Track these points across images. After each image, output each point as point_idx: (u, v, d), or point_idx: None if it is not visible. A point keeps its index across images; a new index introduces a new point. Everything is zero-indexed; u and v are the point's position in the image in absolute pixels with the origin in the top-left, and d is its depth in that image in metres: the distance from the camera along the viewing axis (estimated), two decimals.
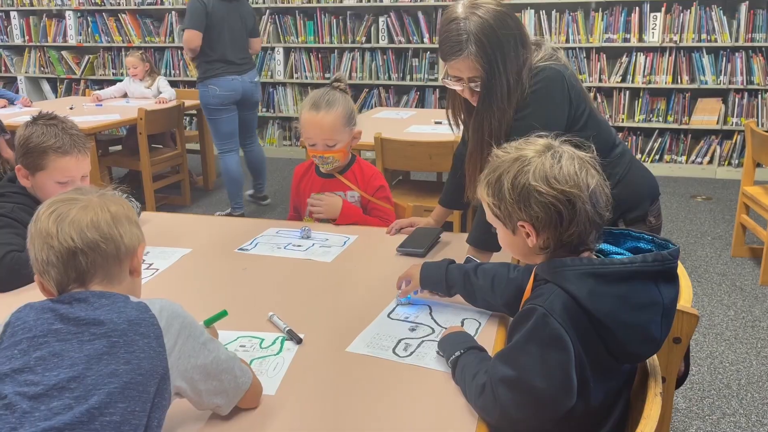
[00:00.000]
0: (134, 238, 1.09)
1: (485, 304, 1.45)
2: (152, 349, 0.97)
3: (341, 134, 2.09)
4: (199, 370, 1.02)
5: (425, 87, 5.96)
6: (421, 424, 1.10)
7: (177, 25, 6.34)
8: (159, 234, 2.02)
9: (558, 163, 1.09)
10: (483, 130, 1.68)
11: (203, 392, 1.04)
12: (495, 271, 1.42)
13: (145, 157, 4.43)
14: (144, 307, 1.01)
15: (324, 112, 2.05)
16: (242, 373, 1.10)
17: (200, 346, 1.03)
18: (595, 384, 1.09)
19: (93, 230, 1.03)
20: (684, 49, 5.32)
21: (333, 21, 6.01)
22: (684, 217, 4.48)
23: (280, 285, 1.67)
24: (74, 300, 1.01)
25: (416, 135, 3.62)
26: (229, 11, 4.09)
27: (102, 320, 0.97)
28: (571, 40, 5.48)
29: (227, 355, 1.08)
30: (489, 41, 1.58)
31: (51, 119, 1.79)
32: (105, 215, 1.05)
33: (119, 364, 0.94)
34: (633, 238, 1.18)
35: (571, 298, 1.05)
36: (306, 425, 1.10)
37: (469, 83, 1.66)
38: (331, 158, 2.12)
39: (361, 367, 1.27)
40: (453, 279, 1.46)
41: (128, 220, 1.09)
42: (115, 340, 0.96)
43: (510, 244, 1.19)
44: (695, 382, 2.54)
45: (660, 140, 5.57)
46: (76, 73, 6.80)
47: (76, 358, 0.94)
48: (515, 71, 1.62)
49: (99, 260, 1.04)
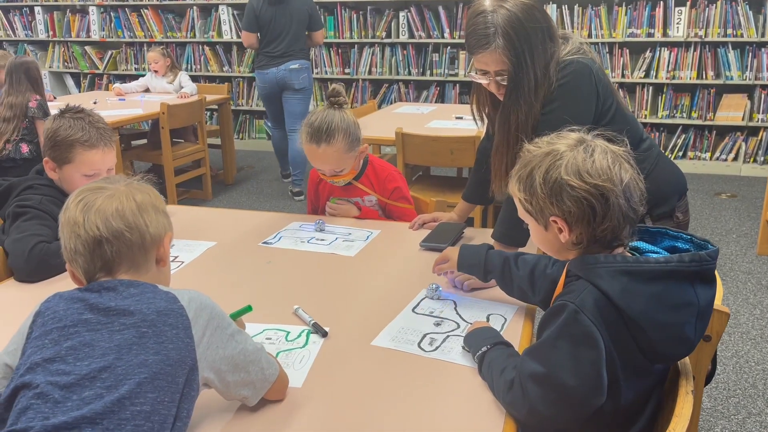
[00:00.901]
0: (160, 227, 1.09)
1: (521, 294, 1.43)
2: (180, 339, 0.98)
3: (346, 162, 2.03)
4: (226, 361, 1.03)
5: (445, 82, 5.93)
6: (449, 419, 1.09)
7: (198, 21, 6.39)
8: (184, 227, 2.03)
9: (590, 157, 1.07)
10: (509, 124, 1.66)
11: (231, 383, 1.05)
12: (535, 263, 1.40)
13: (168, 151, 4.47)
14: (173, 297, 1.01)
15: (325, 145, 1.97)
16: (269, 365, 1.10)
17: (228, 338, 1.04)
18: (626, 383, 1.07)
19: (118, 219, 1.04)
20: (709, 44, 5.24)
21: (353, 16, 6.00)
22: (708, 215, 4.41)
23: (304, 279, 1.67)
24: (103, 289, 1.01)
25: (437, 130, 3.61)
26: (276, 12, 4.60)
27: (131, 310, 0.98)
28: (593, 35, 5.42)
29: (254, 346, 1.08)
30: (516, 34, 1.56)
31: (78, 113, 1.81)
32: (130, 204, 1.06)
33: (149, 354, 0.95)
34: (670, 237, 1.16)
35: (603, 296, 1.04)
36: (332, 418, 1.11)
37: (495, 77, 1.64)
38: (342, 180, 2.11)
39: (387, 361, 1.27)
40: (492, 264, 1.45)
41: (155, 209, 1.09)
42: (145, 330, 0.97)
43: (542, 241, 1.18)
44: (720, 382, 2.51)
45: (684, 136, 5.49)
46: (99, 68, 6.87)
47: (106, 347, 0.95)
48: (542, 65, 1.61)
49: (124, 249, 1.04)
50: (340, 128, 1.98)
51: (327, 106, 2.04)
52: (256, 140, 6.62)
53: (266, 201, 4.89)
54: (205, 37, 6.43)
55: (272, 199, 4.93)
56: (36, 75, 3.69)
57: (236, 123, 6.56)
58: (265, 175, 5.59)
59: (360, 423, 1.09)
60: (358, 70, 6.12)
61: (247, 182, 5.40)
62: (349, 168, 2.07)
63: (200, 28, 6.42)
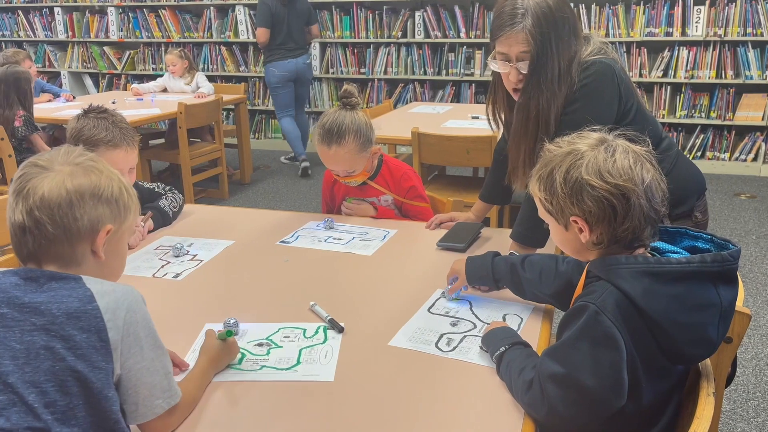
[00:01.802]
0: (95, 219, 1.01)
1: (534, 296, 1.43)
2: (92, 345, 0.93)
3: (358, 163, 2.04)
4: (127, 370, 0.98)
5: (461, 82, 5.92)
6: (468, 419, 1.09)
7: (215, 21, 6.43)
8: (202, 226, 2.05)
9: (612, 156, 1.07)
10: (529, 109, 1.64)
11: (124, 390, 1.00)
12: (543, 264, 1.40)
13: (185, 151, 4.50)
14: (89, 297, 0.96)
15: (336, 147, 1.98)
16: (166, 396, 1.02)
17: (138, 350, 0.99)
18: (647, 384, 1.06)
19: (43, 209, 0.97)
20: (729, 43, 5.18)
21: (369, 16, 6.00)
22: (727, 216, 4.37)
23: (321, 277, 1.68)
24: (27, 278, 0.97)
25: (453, 130, 3.61)
26: (287, 10, 5.20)
27: (42, 310, 0.93)
28: (611, 34, 5.38)
29: (162, 370, 1.02)
30: (545, 19, 1.56)
31: (101, 112, 1.83)
32: (61, 192, 0.98)
33: (55, 361, 0.91)
34: (690, 236, 1.15)
35: (625, 297, 1.03)
36: (362, 413, 1.11)
37: (516, 62, 1.62)
38: (354, 181, 2.11)
39: (405, 360, 1.27)
40: (500, 272, 1.45)
41: (94, 198, 1.01)
42: (54, 334, 0.92)
43: (563, 241, 1.18)
44: (740, 384, 2.48)
45: (702, 136, 5.43)
46: (117, 68, 6.93)
47: (17, 349, 0.91)
48: (567, 57, 1.60)
49: (45, 242, 0.99)
50: (351, 129, 1.98)
51: (339, 107, 2.05)
52: (272, 140, 6.65)
53: (282, 201, 4.91)
54: (222, 37, 6.47)
55: (288, 198, 4.95)
56: (26, 88, 3.65)
57: (252, 123, 6.60)
58: (281, 175, 5.61)
59: (383, 420, 1.09)
60: (373, 69, 6.12)
61: (263, 182, 5.42)
62: (362, 169, 2.07)
63: (217, 29, 6.46)
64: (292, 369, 1.24)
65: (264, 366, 1.25)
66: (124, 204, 1.07)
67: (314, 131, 2.04)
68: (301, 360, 1.27)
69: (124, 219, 1.07)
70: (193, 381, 1.15)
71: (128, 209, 1.08)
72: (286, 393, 1.17)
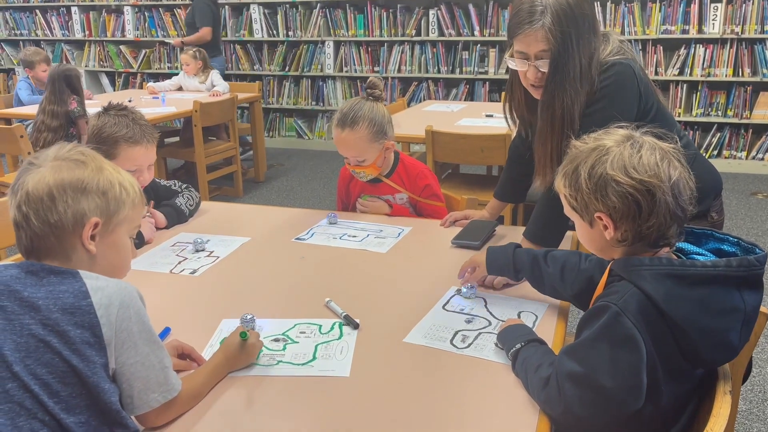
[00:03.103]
0: (78, 212, 1.00)
1: (553, 291, 1.42)
2: (86, 340, 0.95)
3: (368, 152, 2.05)
4: (120, 364, 0.99)
5: (475, 80, 5.91)
6: (483, 415, 1.10)
7: (230, 20, 6.46)
8: (218, 223, 2.07)
9: (638, 153, 1.06)
10: (554, 108, 1.61)
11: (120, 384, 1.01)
12: (566, 259, 1.39)
13: (200, 149, 4.53)
14: (84, 293, 0.97)
15: (348, 130, 2.01)
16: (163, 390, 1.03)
17: (132, 345, 0.99)
18: (666, 387, 1.06)
19: (31, 203, 0.99)
20: (746, 40, 5.13)
21: (383, 14, 6.01)
22: (744, 215, 4.33)
23: (336, 274, 1.69)
24: (28, 272, 0.99)
25: (467, 128, 3.60)
26: (217, 10, 5.69)
27: (38, 305, 0.95)
28: (626, 31, 5.34)
29: (158, 365, 1.03)
30: (565, 16, 1.54)
31: (122, 110, 1.85)
32: (42, 187, 0.99)
33: (53, 354, 0.93)
34: (716, 239, 1.14)
35: (647, 298, 1.02)
36: (378, 408, 1.12)
37: (535, 61, 1.59)
38: (363, 173, 2.11)
39: (420, 357, 1.28)
40: (521, 263, 1.44)
41: (77, 191, 1.01)
42: (50, 329, 0.94)
43: (587, 239, 1.17)
44: (756, 384, 2.46)
45: (719, 135, 5.38)
46: (134, 66, 6.99)
47: (19, 342, 0.94)
48: (588, 55, 1.58)
49: (35, 237, 1.00)
50: (366, 117, 2.02)
51: (362, 97, 2.09)
52: (285, 138, 6.67)
53: (296, 198, 4.93)
54: (237, 36, 6.51)
55: (302, 196, 4.97)
56: (76, 84, 3.79)
57: (266, 121, 6.63)
58: (295, 173, 5.63)
59: (398, 416, 1.10)
60: (387, 68, 6.13)
61: (277, 179, 5.45)
62: (372, 160, 2.08)
63: (232, 27, 6.50)
64: (308, 364, 1.25)
65: (280, 361, 1.27)
66: (114, 197, 1.05)
67: (333, 117, 2.09)
68: (317, 356, 1.28)
69: (115, 212, 1.05)
70: (200, 375, 1.15)
71: (120, 202, 1.06)
72: (302, 388, 1.18)
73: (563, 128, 1.59)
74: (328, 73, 6.31)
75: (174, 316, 1.45)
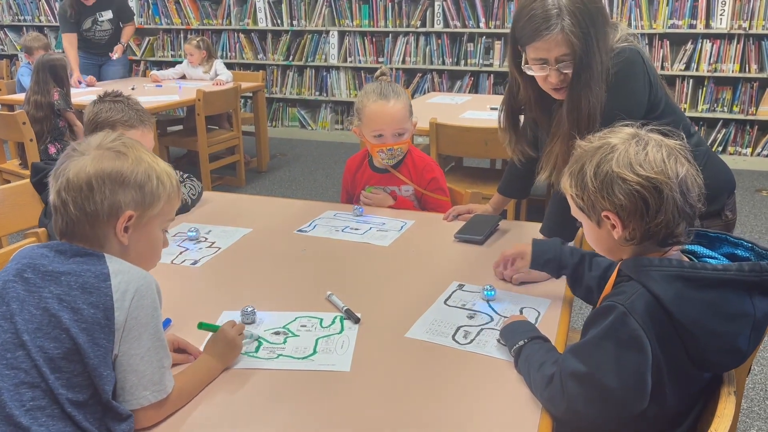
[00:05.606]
0: (114, 204, 1.03)
1: (586, 296, 1.40)
2: (97, 321, 0.97)
3: (408, 123, 2.11)
4: (122, 355, 1.00)
5: (480, 72, 5.87)
6: (485, 412, 1.09)
7: (234, 8, 6.43)
8: (220, 213, 2.06)
9: (643, 150, 1.04)
10: (580, 109, 1.55)
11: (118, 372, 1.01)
12: (608, 268, 1.36)
13: (203, 138, 4.51)
14: (105, 275, 1.00)
15: (394, 100, 2.06)
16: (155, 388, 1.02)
17: (136, 336, 1.00)
18: (671, 389, 1.05)
19: (70, 191, 1.02)
20: (753, 36, 5.09)
21: (388, 4, 5.97)
22: (749, 212, 4.31)
23: (338, 267, 1.68)
24: (57, 251, 1.03)
25: (472, 121, 3.58)
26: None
27: (60, 280, 0.98)
28: (633, 25, 5.30)
29: (156, 363, 1.02)
30: (582, 15, 1.48)
31: (116, 97, 1.87)
32: (82, 177, 1.02)
33: (61, 330, 0.96)
34: (730, 243, 1.12)
35: (655, 300, 1.01)
36: (378, 403, 1.11)
37: (556, 65, 1.54)
38: (399, 150, 2.11)
39: (422, 352, 1.27)
40: (566, 260, 1.41)
41: (115, 182, 1.03)
42: (65, 304, 0.97)
43: (595, 239, 1.16)
44: (757, 383, 2.46)
45: (724, 131, 5.35)
46: (137, 54, 6.96)
47: (33, 314, 0.97)
48: (605, 49, 1.53)
49: (70, 222, 1.03)
50: (402, 91, 2.11)
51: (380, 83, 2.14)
52: (288, 128, 6.65)
53: (298, 189, 4.92)
54: (241, 24, 6.47)
55: (304, 187, 4.96)
56: (62, 74, 3.73)
57: (269, 111, 6.60)
58: (298, 163, 5.62)
59: (399, 411, 1.09)
60: (392, 59, 6.09)
61: (280, 170, 5.43)
62: (408, 135, 2.12)
63: (236, 16, 6.46)
64: (308, 358, 1.25)
65: (281, 354, 1.26)
66: (151, 191, 1.07)
67: (364, 99, 2.08)
68: (318, 349, 1.27)
69: (150, 206, 1.07)
70: (188, 375, 1.14)
71: (156, 197, 1.08)
72: (302, 382, 1.18)
73: (589, 126, 1.55)
74: (332, 63, 6.28)
75: (174, 307, 1.44)
